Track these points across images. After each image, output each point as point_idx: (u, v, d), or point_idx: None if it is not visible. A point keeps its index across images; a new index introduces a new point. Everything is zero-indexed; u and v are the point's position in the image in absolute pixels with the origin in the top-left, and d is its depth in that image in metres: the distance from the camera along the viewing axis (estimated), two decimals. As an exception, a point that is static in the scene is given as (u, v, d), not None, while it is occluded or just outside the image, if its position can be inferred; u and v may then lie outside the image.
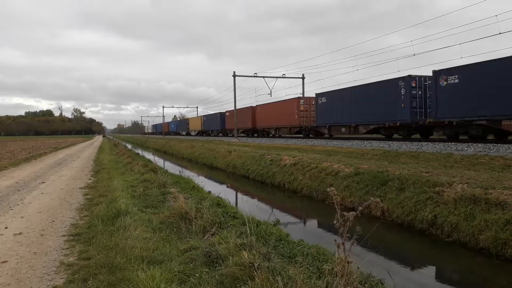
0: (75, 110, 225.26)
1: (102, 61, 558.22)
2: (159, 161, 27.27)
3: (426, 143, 16.99)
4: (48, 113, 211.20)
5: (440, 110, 18.15)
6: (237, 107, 42.10)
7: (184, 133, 77.99)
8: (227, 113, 49.98)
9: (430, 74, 18.90)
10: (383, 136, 24.02)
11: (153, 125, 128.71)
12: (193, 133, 70.38)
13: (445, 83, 18.18)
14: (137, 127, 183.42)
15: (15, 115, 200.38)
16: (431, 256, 6.75)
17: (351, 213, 3.09)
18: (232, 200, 11.77)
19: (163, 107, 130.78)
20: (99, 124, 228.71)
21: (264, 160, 16.94)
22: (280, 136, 36.86)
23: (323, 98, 28.37)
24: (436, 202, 7.63)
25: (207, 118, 60.46)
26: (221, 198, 8.62)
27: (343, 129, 26.82)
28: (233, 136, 42.51)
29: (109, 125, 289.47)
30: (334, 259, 3.89)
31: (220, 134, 54.62)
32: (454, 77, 17.63)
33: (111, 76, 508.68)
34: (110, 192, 9.05)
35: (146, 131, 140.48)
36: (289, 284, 3.35)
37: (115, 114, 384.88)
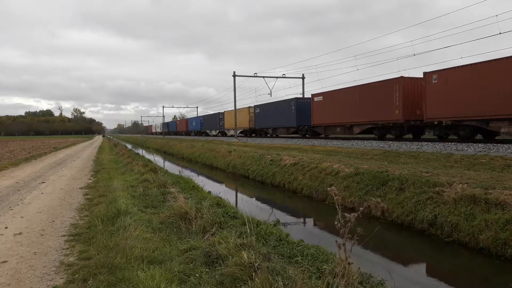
0: (75, 110, 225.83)
1: (101, 61, 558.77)
2: (159, 161, 27.27)
3: (426, 143, 17.00)
4: (48, 113, 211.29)
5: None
6: (370, 82, 22.88)
7: (214, 132, 55.58)
8: (319, 99, 27.77)
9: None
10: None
11: (163, 124, 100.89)
12: (230, 133, 46.72)
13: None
14: (137, 127, 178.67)
15: (15, 115, 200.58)
16: (431, 256, 6.75)
17: (352, 214, 3.09)
18: (232, 200, 11.77)
19: (163, 107, 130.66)
20: (99, 124, 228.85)
21: (264, 160, 16.94)
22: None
23: None
24: (436, 202, 7.63)
25: (264, 110, 37.52)
26: (221, 198, 8.63)
27: None
28: (326, 138, 28.49)
29: (109, 125, 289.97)
30: (334, 260, 3.89)
31: (297, 135, 33.28)
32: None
33: (111, 76, 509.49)
34: (110, 192, 9.05)
35: (153, 130, 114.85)
36: (289, 284, 3.35)
37: (115, 114, 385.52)
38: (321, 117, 27.91)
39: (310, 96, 30.09)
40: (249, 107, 41.74)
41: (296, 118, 31.26)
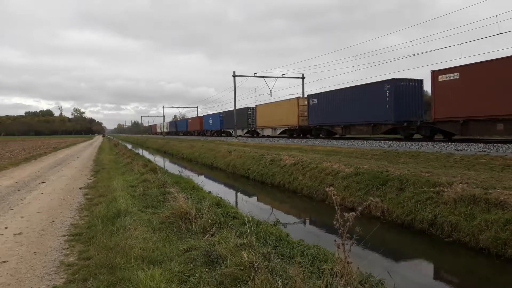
0: (75, 110, 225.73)
1: (101, 61, 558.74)
2: (159, 161, 27.28)
3: (426, 143, 16.99)
4: (48, 113, 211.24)
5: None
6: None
7: (241, 132, 43.93)
8: (450, 77, 17.11)
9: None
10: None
11: (170, 122, 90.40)
12: (265, 133, 38.13)
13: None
14: (137, 127, 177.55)
15: (15, 115, 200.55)
16: (431, 256, 6.75)
17: (350, 213, 3.09)
18: (232, 200, 11.78)
19: (163, 107, 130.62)
20: (99, 124, 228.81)
21: (264, 160, 16.94)
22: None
23: None
24: (436, 202, 7.63)
25: (326, 101, 26.69)
26: (221, 198, 8.63)
27: None
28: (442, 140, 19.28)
29: (109, 125, 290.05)
30: (334, 259, 3.89)
31: (394, 136, 23.08)
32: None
33: (111, 76, 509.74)
34: (110, 192, 9.05)
35: (158, 130, 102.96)
36: (289, 284, 3.35)
37: (115, 114, 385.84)
38: (455, 106, 16.92)
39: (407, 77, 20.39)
40: (299, 97, 31.28)
41: (395, 110, 20.32)
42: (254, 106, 41.21)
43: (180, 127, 77.80)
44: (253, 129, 42.14)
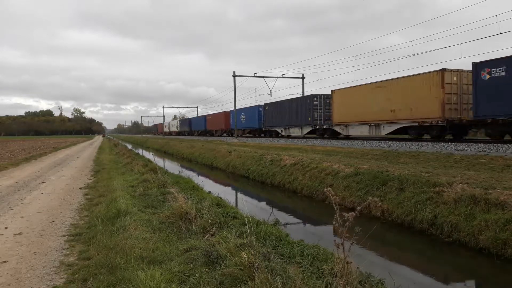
0: (75, 110, 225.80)
1: (101, 61, 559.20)
2: (159, 161, 27.28)
3: (426, 143, 16.99)
4: (48, 113, 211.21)
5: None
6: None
7: (298, 131, 30.95)
8: None
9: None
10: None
11: (182, 120, 76.13)
12: (358, 133, 24.08)
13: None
14: (137, 127, 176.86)
15: (15, 115, 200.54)
16: (431, 256, 6.75)
17: (350, 213, 3.10)
18: (232, 200, 11.77)
19: (163, 107, 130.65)
20: (99, 124, 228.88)
21: (264, 160, 16.94)
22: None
23: None
24: (436, 202, 7.63)
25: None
26: (221, 198, 8.63)
27: None
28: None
29: (109, 125, 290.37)
30: (333, 259, 3.89)
31: None
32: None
33: (111, 76, 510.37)
34: (110, 192, 9.05)
35: (166, 129, 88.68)
36: (289, 284, 3.35)
37: (115, 114, 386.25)
38: None
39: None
40: (444, 69, 17.41)
41: None
42: (325, 93, 28.21)
43: (196, 126, 63.58)
44: (324, 126, 27.89)
